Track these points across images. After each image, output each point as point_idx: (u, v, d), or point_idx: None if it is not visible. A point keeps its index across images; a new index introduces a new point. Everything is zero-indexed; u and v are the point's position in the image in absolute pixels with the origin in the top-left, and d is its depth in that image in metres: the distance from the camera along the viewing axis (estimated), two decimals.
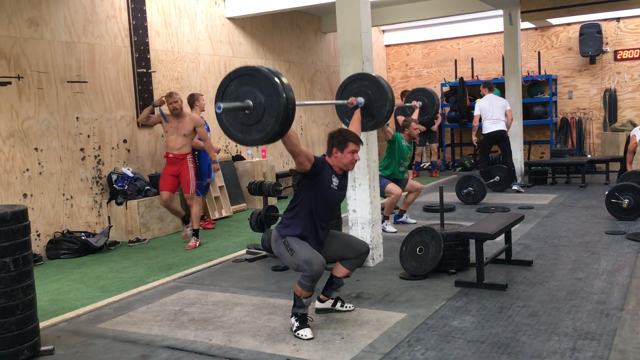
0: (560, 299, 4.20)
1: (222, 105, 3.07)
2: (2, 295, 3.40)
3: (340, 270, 3.99)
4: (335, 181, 3.83)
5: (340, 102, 4.15)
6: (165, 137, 6.97)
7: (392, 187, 6.71)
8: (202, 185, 7.55)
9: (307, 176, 3.73)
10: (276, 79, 3.10)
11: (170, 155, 6.83)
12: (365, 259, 4.02)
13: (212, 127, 8.07)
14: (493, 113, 9.31)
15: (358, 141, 3.85)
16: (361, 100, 4.20)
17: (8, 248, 3.42)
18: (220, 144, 9.21)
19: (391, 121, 11.24)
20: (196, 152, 7.48)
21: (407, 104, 7.86)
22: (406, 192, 7.16)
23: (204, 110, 7.64)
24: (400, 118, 9.18)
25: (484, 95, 9.69)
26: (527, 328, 3.69)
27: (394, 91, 11.66)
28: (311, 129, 11.50)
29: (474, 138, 9.95)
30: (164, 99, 6.97)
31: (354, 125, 4.31)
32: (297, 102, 3.26)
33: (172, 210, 6.98)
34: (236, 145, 9.58)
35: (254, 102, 3.13)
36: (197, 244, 6.65)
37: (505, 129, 9.29)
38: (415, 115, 7.74)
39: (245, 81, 3.16)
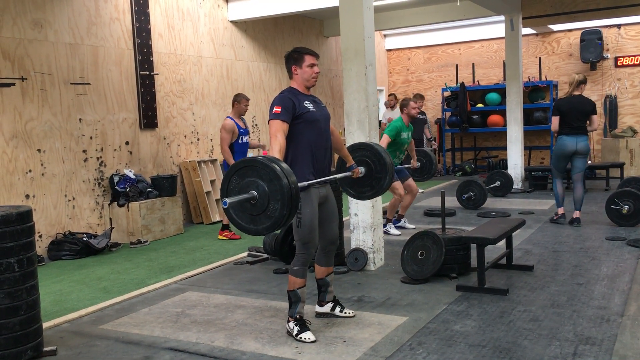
0: (561, 304, 4.22)
1: (227, 200, 3.12)
2: (6, 295, 3.41)
3: (318, 271, 4.07)
4: (308, 105, 3.78)
5: (343, 174, 4.14)
6: None
7: (398, 184, 6.71)
8: None
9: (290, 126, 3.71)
10: (274, 165, 3.15)
11: None
12: (333, 251, 4.05)
13: (213, 132, 8.07)
14: None
15: (314, 53, 3.81)
16: (362, 170, 4.21)
17: (12, 249, 3.43)
18: None
19: None
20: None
21: (406, 166, 7.50)
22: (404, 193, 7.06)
23: (242, 115, 7.39)
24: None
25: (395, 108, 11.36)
26: (528, 333, 3.71)
27: (397, 98, 11.84)
28: None
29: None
30: None
31: (343, 152, 4.19)
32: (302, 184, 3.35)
33: None
34: None
35: (257, 192, 3.18)
36: None
37: None
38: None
39: (245, 173, 3.22)
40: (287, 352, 3.56)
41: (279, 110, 3.66)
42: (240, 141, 7.35)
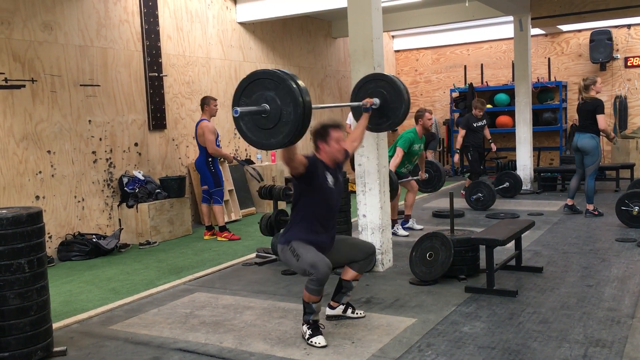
0: (571, 306, 4.20)
1: (238, 109, 3.08)
2: (16, 296, 3.44)
3: (349, 273, 3.99)
4: (329, 178, 3.79)
5: (355, 104, 4.08)
6: None
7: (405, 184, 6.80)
8: (222, 191, 7.38)
9: (303, 180, 3.70)
10: (292, 83, 3.09)
11: None
12: (373, 260, 3.99)
13: (221, 132, 8.08)
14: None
15: (338, 127, 3.83)
16: (376, 101, 4.12)
17: (23, 249, 3.45)
18: (230, 148, 9.26)
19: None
20: (210, 159, 7.22)
21: (414, 178, 7.25)
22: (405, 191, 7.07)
23: (214, 116, 7.40)
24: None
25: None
26: (537, 335, 3.69)
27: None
28: None
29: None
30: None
31: (357, 131, 4.19)
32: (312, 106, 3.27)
33: None
34: (245, 150, 9.62)
35: (270, 106, 3.13)
36: None
37: None
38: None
39: (251, 90, 3.17)
40: (296, 353, 3.56)
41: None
42: (217, 143, 7.34)
